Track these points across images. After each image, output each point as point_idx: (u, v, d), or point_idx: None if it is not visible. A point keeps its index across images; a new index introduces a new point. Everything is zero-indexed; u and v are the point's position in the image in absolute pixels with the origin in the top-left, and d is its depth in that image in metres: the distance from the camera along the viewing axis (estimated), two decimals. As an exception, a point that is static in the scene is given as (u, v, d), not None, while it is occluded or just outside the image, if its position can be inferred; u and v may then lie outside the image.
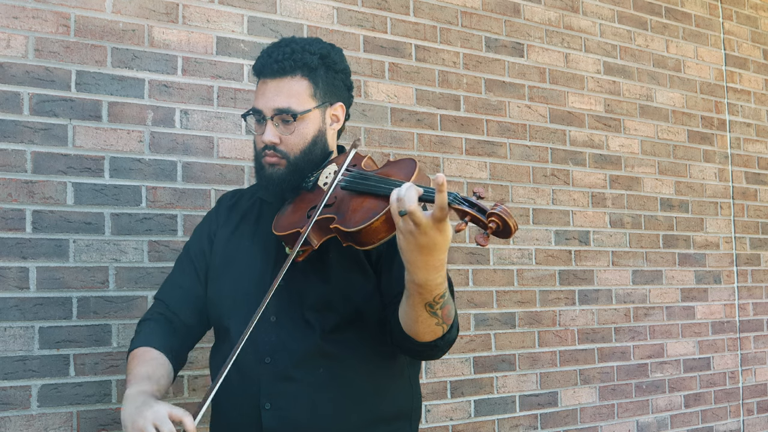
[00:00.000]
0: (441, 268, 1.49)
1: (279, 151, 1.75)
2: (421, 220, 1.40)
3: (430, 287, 1.49)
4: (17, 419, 2.18)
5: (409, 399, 1.87)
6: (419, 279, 1.48)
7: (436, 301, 1.53)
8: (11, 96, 2.23)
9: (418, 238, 1.42)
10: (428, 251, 1.44)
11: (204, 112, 2.54)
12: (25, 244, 2.22)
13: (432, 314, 1.55)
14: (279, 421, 1.70)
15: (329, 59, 1.80)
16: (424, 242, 1.43)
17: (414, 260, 1.46)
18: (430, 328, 1.58)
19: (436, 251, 1.44)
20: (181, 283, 1.94)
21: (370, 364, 1.76)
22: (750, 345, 4.09)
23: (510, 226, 1.40)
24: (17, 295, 2.21)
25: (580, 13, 3.57)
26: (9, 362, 2.18)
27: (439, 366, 2.99)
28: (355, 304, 1.73)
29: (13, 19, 2.25)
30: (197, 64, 2.54)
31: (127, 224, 2.37)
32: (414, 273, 1.48)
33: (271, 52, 1.77)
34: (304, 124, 1.76)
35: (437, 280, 1.49)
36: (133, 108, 2.41)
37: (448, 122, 3.11)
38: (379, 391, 1.77)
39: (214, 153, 2.55)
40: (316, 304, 1.74)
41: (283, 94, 1.74)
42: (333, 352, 1.73)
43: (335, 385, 1.73)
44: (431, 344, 1.62)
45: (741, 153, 4.16)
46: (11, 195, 2.22)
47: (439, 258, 1.46)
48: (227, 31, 2.61)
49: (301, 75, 1.75)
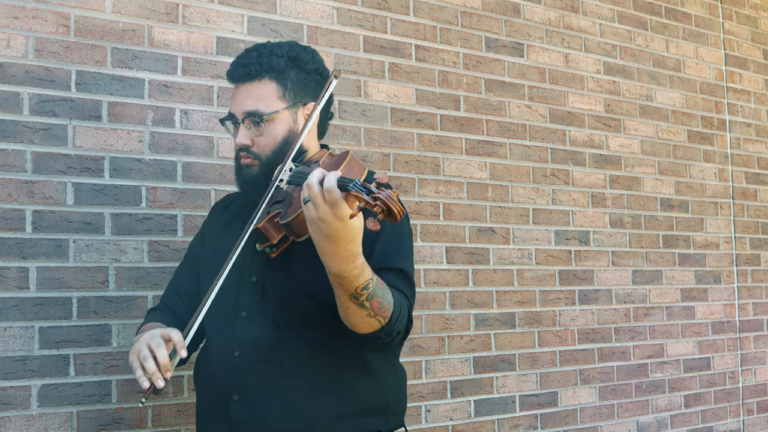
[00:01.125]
0: (353, 259, 1.54)
1: (252, 153, 1.82)
2: (317, 199, 1.47)
3: (347, 278, 1.55)
4: (17, 419, 2.18)
5: (382, 394, 1.87)
6: (333, 269, 1.54)
7: (359, 293, 1.57)
8: (11, 96, 2.23)
9: (320, 226, 1.49)
10: (333, 239, 1.50)
11: (204, 112, 2.54)
12: (25, 244, 2.22)
13: (359, 305, 1.59)
14: (246, 413, 1.75)
15: (299, 60, 1.85)
16: (325, 229, 1.49)
17: (323, 250, 1.53)
18: (363, 320, 1.62)
19: (341, 240, 1.50)
20: (177, 284, 2.04)
21: (335, 359, 1.78)
22: (750, 345, 4.09)
23: (394, 212, 1.41)
24: (17, 295, 2.21)
25: (580, 13, 3.57)
26: (9, 362, 2.18)
27: (439, 366, 2.99)
28: (317, 298, 1.74)
29: (13, 19, 2.25)
30: (197, 64, 2.54)
31: (127, 224, 2.37)
32: (327, 264, 1.55)
33: (241, 57, 1.85)
34: (273, 125, 1.81)
35: (353, 272, 1.54)
36: (133, 108, 2.41)
37: (448, 122, 3.11)
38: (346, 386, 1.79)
39: (214, 153, 2.55)
40: (281, 299, 1.78)
41: (252, 98, 1.81)
42: (298, 347, 1.76)
43: (300, 379, 1.76)
44: (372, 336, 1.66)
45: (741, 153, 4.16)
46: (11, 195, 2.22)
47: (346, 248, 1.51)
48: (227, 31, 2.61)
49: (268, 78, 1.81)
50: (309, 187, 1.48)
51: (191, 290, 1.97)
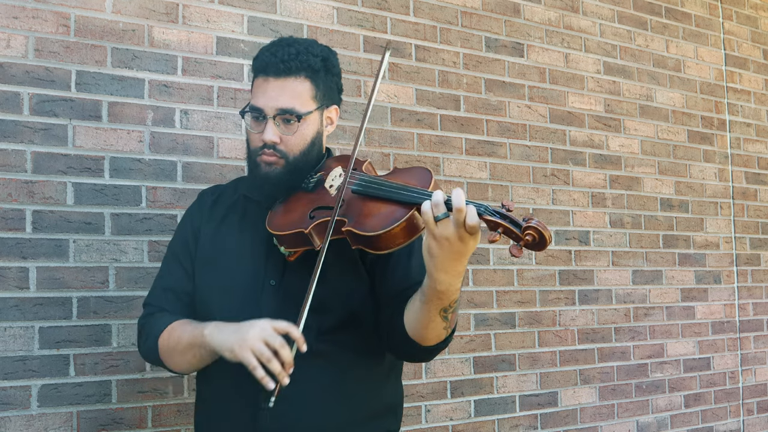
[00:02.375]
0: (462, 275, 1.55)
1: (279, 151, 1.75)
2: (475, 225, 1.46)
3: (450, 293, 1.55)
4: (17, 419, 2.18)
5: (394, 395, 1.91)
6: (443, 285, 1.53)
7: (451, 306, 1.58)
8: (11, 96, 2.23)
9: (454, 245, 1.48)
10: (459, 257, 1.50)
11: (204, 112, 2.54)
12: (25, 244, 2.22)
13: (444, 319, 1.60)
14: (274, 420, 1.71)
15: (329, 62, 1.82)
16: (458, 248, 1.48)
17: (443, 267, 1.51)
18: (438, 332, 1.62)
19: (465, 257, 1.51)
20: (171, 284, 1.93)
21: (361, 364, 1.79)
22: (750, 345, 4.09)
23: (545, 237, 1.45)
24: (17, 295, 2.21)
25: (580, 13, 3.57)
26: (9, 362, 2.18)
27: (439, 366, 2.99)
28: (350, 306, 1.74)
29: (13, 19, 2.25)
30: (197, 64, 2.54)
31: (127, 224, 2.37)
32: (440, 280, 1.53)
33: (276, 51, 1.77)
34: (306, 125, 1.77)
35: (457, 285, 1.55)
36: (133, 108, 2.41)
37: (448, 122, 3.11)
38: (370, 390, 1.81)
39: (214, 153, 2.55)
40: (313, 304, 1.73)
41: (287, 95, 1.74)
42: (327, 353, 1.74)
43: (328, 385, 1.75)
44: (432, 348, 1.67)
45: (741, 153, 4.16)
46: (11, 195, 2.22)
47: (464, 264, 1.53)
48: (227, 31, 2.61)
49: (304, 76, 1.76)
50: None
51: (187, 288, 1.90)
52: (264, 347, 1.56)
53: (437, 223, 1.47)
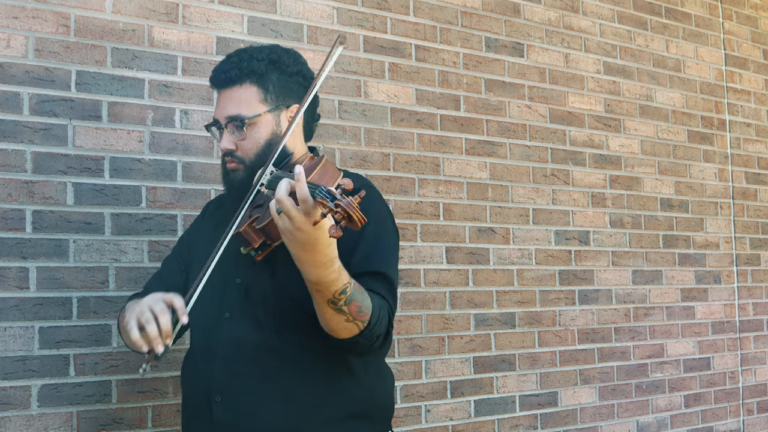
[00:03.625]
0: (330, 264, 1.54)
1: (236, 157, 1.82)
2: (290, 211, 1.46)
3: (325, 284, 1.55)
4: (17, 419, 2.18)
5: (368, 398, 1.85)
6: (312, 277, 1.55)
7: (337, 297, 1.57)
8: (11, 96, 2.23)
9: (296, 235, 1.49)
10: (311, 248, 1.50)
11: (204, 112, 2.54)
12: (25, 244, 2.22)
13: (337, 310, 1.59)
14: (228, 414, 1.75)
15: (280, 63, 1.84)
16: (302, 238, 1.49)
17: (300, 258, 1.53)
18: (342, 325, 1.62)
19: (319, 246, 1.50)
20: (163, 274, 2.03)
21: (319, 363, 1.77)
22: (750, 345, 4.09)
23: (355, 220, 1.40)
24: (17, 295, 2.21)
25: (580, 13, 3.57)
26: (9, 362, 2.18)
27: (439, 366, 2.99)
28: (298, 301, 1.73)
29: (13, 19, 2.25)
30: (197, 64, 2.54)
31: (127, 224, 2.37)
32: (305, 272, 1.55)
33: (222, 63, 1.85)
34: (256, 129, 1.81)
35: (330, 276, 1.54)
36: (133, 108, 2.41)
37: (448, 122, 3.11)
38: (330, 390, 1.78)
39: (214, 153, 2.55)
40: (265, 301, 1.78)
41: (233, 102, 1.81)
42: (282, 349, 1.75)
43: (284, 382, 1.75)
44: (351, 341, 1.66)
45: (741, 153, 4.16)
46: (11, 195, 2.22)
47: (324, 254, 1.52)
48: (227, 31, 2.61)
49: (249, 82, 1.81)
50: (280, 201, 1.47)
51: (177, 282, 1.94)
52: (147, 311, 1.60)
53: (279, 216, 1.50)
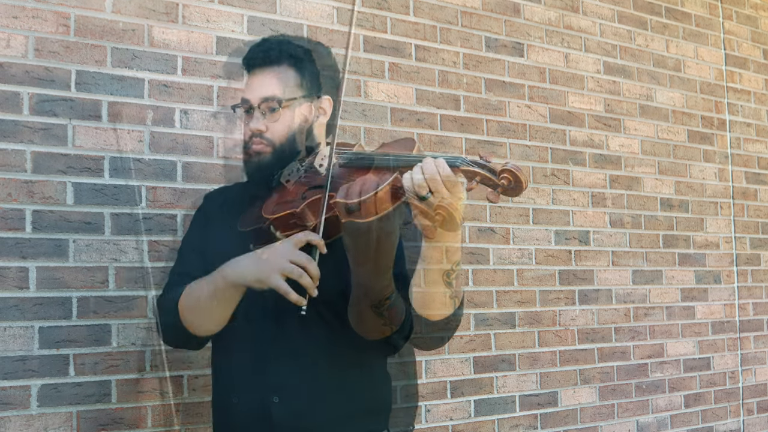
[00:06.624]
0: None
1: (265, 138, 1.80)
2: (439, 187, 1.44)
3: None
4: (17, 419, 2.18)
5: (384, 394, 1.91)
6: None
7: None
8: (11, 96, 2.23)
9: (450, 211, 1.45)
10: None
11: (204, 112, 2.54)
12: (25, 244, 2.22)
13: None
14: (289, 414, 1.73)
15: (316, 53, 1.87)
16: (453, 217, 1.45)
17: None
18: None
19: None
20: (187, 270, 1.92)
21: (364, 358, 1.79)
22: (750, 345, 4.09)
23: (521, 180, 1.41)
24: (17, 295, 2.21)
25: (580, 13, 3.57)
26: (9, 362, 2.18)
27: (439, 366, 2.99)
28: (347, 297, 1.73)
29: (13, 19, 2.25)
30: (197, 63, 2.54)
31: (127, 224, 2.37)
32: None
33: (260, 44, 1.85)
34: (290, 112, 1.80)
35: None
36: (133, 108, 2.41)
37: (448, 122, 3.11)
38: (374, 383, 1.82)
39: (214, 153, 2.55)
40: (318, 298, 1.75)
41: (271, 83, 1.80)
42: (335, 345, 1.76)
43: (336, 377, 1.76)
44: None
45: (741, 153, 4.16)
46: (11, 195, 2.22)
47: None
48: (227, 31, 2.61)
49: (287, 64, 1.81)
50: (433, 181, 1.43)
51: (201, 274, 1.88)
52: (293, 266, 1.56)
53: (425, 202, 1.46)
